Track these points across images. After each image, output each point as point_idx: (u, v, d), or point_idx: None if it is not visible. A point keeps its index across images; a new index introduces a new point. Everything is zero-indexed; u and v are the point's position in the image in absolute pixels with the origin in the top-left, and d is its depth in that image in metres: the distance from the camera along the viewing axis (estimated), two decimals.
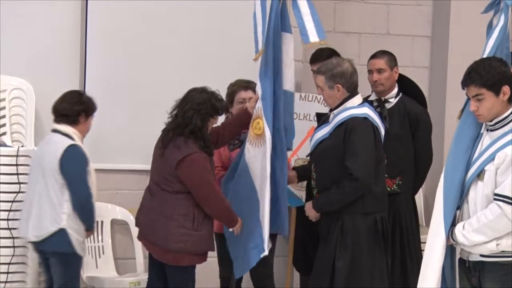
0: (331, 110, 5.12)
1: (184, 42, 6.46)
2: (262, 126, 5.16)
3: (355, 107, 5.02)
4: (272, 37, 5.14)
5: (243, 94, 5.59)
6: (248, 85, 5.61)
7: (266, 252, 5.12)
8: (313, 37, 5.12)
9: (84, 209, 5.29)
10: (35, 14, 6.17)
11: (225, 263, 5.60)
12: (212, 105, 5.13)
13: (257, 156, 5.18)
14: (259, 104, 5.19)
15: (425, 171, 5.81)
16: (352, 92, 5.05)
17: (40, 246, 5.34)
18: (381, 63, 5.67)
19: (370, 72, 5.70)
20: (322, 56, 5.58)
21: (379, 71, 5.66)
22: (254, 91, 5.43)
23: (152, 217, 5.14)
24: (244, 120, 5.35)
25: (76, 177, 5.26)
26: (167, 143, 5.13)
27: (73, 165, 5.27)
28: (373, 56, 5.75)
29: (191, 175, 5.06)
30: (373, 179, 4.93)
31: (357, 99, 5.07)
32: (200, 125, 5.10)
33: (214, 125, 5.30)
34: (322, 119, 5.23)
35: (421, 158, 5.74)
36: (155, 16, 6.40)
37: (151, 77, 6.40)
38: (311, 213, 5.11)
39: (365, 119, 4.98)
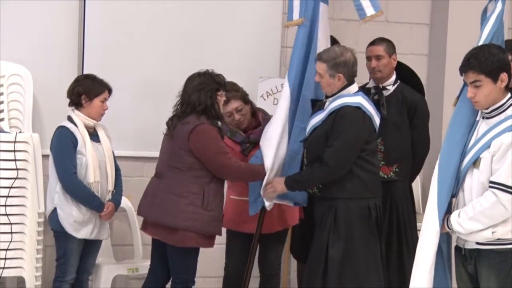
0: (327, 97, 5.12)
1: (181, 34, 6.45)
2: None
3: (350, 96, 5.02)
4: (313, 7, 5.23)
5: (229, 108, 5.41)
6: (229, 96, 5.36)
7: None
8: (369, 10, 5.26)
9: (67, 189, 5.36)
10: (34, 3, 6.14)
11: (232, 257, 5.62)
12: (213, 79, 5.13)
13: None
14: None
15: (422, 159, 5.82)
16: (350, 81, 5.06)
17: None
18: (379, 49, 5.68)
19: (368, 58, 5.71)
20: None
21: (378, 57, 5.67)
22: (239, 98, 5.41)
23: (161, 197, 5.12)
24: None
25: (56, 158, 5.39)
26: (175, 125, 5.13)
27: (54, 146, 5.41)
28: (372, 43, 5.76)
29: (202, 146, 5.04)
30: (346, 169, 4.92)
31: (353, 87, 5.07)
32: (210, 102, 5.09)
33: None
34: (317, 105, 5.22)
35: (419, 146, 5.74)
36: (153, 4, 6.38)
37: (148, 65, 6.38)
38: (279, 187, 5.13)
39: (357, 109, 4.98)
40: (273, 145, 5.21)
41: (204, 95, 5.09)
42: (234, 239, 5.52)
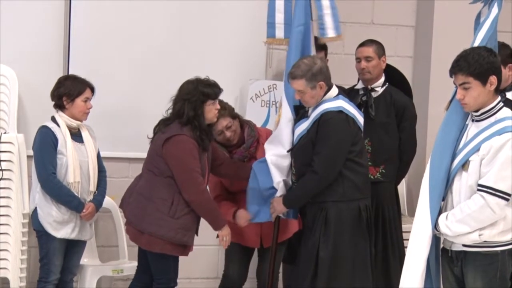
0: None
1: (168, 33, 6.43)
2: (280, 112, 5.24)
3: (331, 100, 5.01)
4: (303, 25, 5.23)
5: (219, 127, 5.30)
6: (217, 115, 5.26)
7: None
8: (331, 31, 5.27)
9: (45, 189, 5.34)
10: (20, 3, 6.11)
11: (231, 265, 5.55)
12: (200, 92, 5.08)
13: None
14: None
15: (409, 161, 5.84)
16: (330, 86, 5.05)
17: None
18: (369, 51, 5.70)
19: (358, 60, 5.74)
20: (316, 47, 5.56)
21: (367, 59, 5.69)
22: (227, 116, 5.31)
23: (134, 197, 5.16)
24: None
25: (36, 157, 5.37)
26: (157, 131, 5.14)
27: (35, 145, 5.39)
28: (362, 44, 5.79)
29: (174, 155, 5.03)
30: (335, 174, 4.92)
31: (333, 91, 5.06)
32: (193, 114, 5.05)
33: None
34: (300, 113, 5.21)
35: (405, 148, 5.77)
36: (140, 4, 6.36)
37: (134, 65, 6.37)
38: (279, 207, 5.12)
39: (339, 112, 4.97)
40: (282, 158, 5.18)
41: (188, 106, 5.06)
42: (234, 248, 5.43)
